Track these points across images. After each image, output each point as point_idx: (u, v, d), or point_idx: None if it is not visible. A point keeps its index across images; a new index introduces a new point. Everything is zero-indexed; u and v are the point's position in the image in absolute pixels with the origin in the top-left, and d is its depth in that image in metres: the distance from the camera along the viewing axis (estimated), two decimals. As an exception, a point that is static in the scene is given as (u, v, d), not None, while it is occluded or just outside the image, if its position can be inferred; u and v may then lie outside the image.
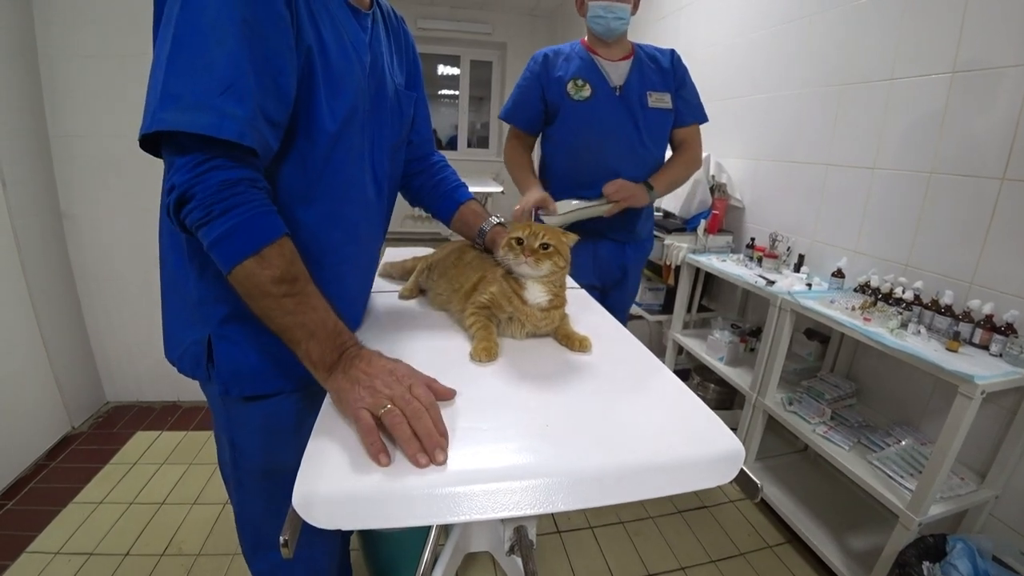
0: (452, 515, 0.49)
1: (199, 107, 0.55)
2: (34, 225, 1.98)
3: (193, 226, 0.58)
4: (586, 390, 0.69)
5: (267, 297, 0.60)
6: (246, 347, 0.76)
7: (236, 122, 0.57)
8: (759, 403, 1.79)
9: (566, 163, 1.61)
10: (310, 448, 0.54)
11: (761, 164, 2.19)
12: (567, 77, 1.54)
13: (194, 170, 0.57)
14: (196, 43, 0.56)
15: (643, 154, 1.57)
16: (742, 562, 1.64)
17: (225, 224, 0.57)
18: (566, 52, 1.59)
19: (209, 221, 0.57)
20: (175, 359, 0.82)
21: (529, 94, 1.60)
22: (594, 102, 1.53)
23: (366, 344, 0.67)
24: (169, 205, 0.59)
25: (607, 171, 1.54)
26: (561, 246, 0.82)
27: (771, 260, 1.96)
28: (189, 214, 0.58)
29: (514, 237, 0.81)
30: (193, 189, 0.57)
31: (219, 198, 0.57)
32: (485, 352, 0.75)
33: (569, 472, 0.52)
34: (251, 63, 0.59)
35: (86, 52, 1.95)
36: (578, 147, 1.57)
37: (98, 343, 2.29)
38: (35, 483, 1.85)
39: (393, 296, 1.05)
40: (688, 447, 0.57)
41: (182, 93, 0.55)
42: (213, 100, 0.56)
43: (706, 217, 2.24)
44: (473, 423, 0.59)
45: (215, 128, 0.56)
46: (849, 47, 1.75)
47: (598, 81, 1.53)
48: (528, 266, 0.79)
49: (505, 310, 0.82)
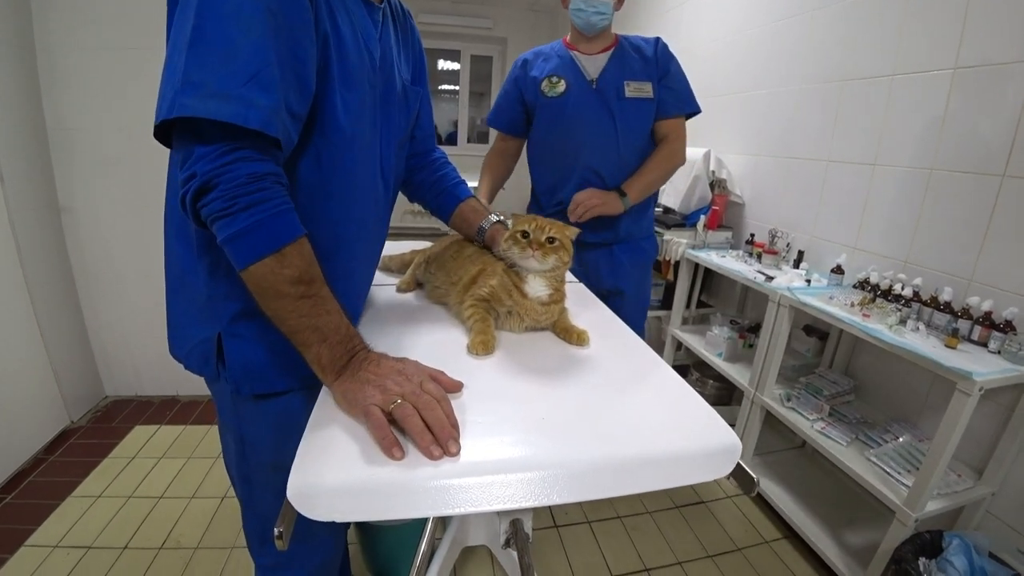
0: (448, 507, 0.49)
1: (224, 96, 0.54)
2: (32, 219, 1.97)
3: (210, 217, 0.56)
4: (583, 384, 0.69)
5: (282, 298, 0.59)
6: (257, 345, 0.75)
7: (262, 112, 0.55)
8: (757, 399, 1.79)
9: (545, 161, 1.61)
10: (305, 441, 0.54)
11: (761, 160, 2.18)
12: (542, 76, 1.54)
13: (219, 159, 0.55)
14: (219, 30, 0.54)
15: (620, 145, 1.51)
16: (739, 557, 1.64)
17: (248, 219, 0.56)
18: (546, 52, 1.59)
19: (230, 214, 0.56)
20: (181, 356, 0.80)
21: (509, 97, 1.61)
22: (567, 97, 1.51)
23: (365, 336, 0.67)
24: (187, 194, 0.57)
25: (584, 167, 1.52)
26: (565, 240, 0.82)
27: (770, 256, 1.96)
28: (209, 204, 0.56)
29: (519, 230, 0.80)
30: (218, 179, 0.55)
31: (244, 191, 0.56)
32: (483, 345, 0.75)
33: (565, 465, 0.52)
34: (276, 53, 0.57)
35: (84, 45, 1.95)
36: (553, 144, 1.56)
37: (96, 337, 2.29)
38: (34, 477, 1.86)
39: (391, 289, 1.05)
40: (685, 441, 0.57)
41: (206, 80, 0.53)
42: (238, 89, 0.54)
43: (706, 213, 2.23)
44: (470, 416, 0.59)
45: (242, 117, 0.54)
46: (850, 43, 1.74)
47: (574, 76, 1.51)
48: (535, 260, 0.78)
49: (505, 304, 0.82)
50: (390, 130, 0.84)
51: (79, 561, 1.50)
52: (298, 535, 0.91)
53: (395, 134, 0.86)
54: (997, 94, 1.31)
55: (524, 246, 0.79)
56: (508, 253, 0.82)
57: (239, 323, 0.73)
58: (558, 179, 1.58)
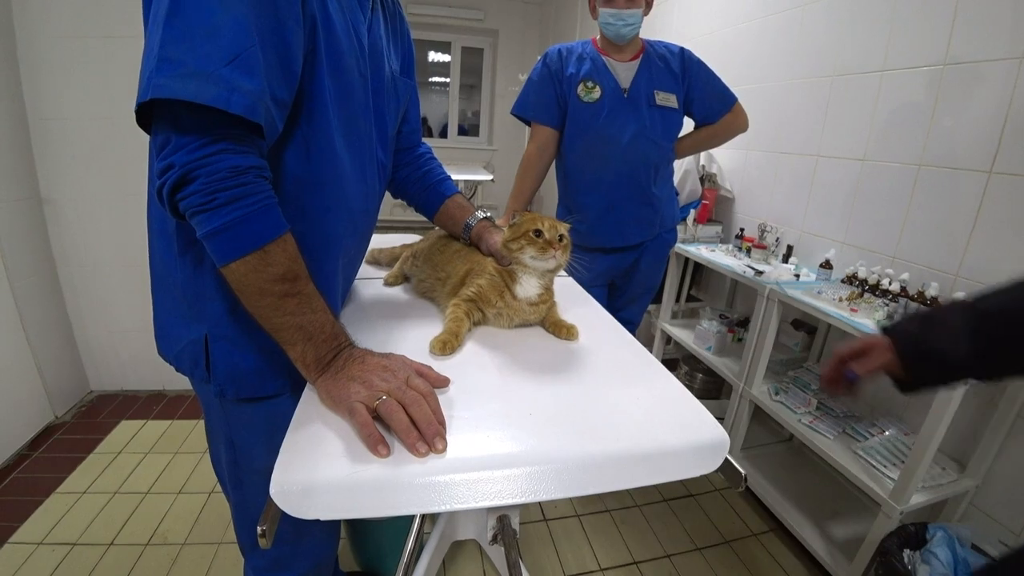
0: (434, 505, 0.48)
1: (203, 76, 0.50)
2: (13, 210, 1.93)
3: (189, 211, 0.54)
4: (571, 379, 0.69)
5: (266, 296, 0.57)
6: (245, 347, 0.72)
7: (245, 96, 0.52)
8: (746, 393, 1.80)
9: (576, 162, 1.65)
10: (289, 439, 0.53)
11: (751, 154, 2.19)
12: (578, 77, 1.56)
13: (199, 151, 0.52)
14: (198, 4, 0.50)
15: (650, 152, 1.59)
16: (727, 549, 1.65)
17: (229, 215, 0.53)
18: (578, 51, 1.61)
19: (210, 209, 0.53)
20: (171, 357, 0.77)
21: (543, 88, 1.61)
22: (602, 104, 1.55)
23: (351, 331, 0.66)
24: (164, 186, 0.53)
25: (615, 172, 1.59)
26: (568, 238, 0.81)
27: (760, 251, 1.97)
28: (188, 198, 0.53)
29: (533, 229, 0.78)
30: (197, 171, 0.52)
31: (225, 185, 0.53)
32: (440, 344, 0.71)
33: (552, 461, 0.52)
34: (259, 33, 0.54)
35: (66, 32, 1.90)
36: (587, 147, 1.60)
37: (81, 331, 2.25)
38: (17, 473, 1.83)
39: (378, 283, 1.04)
40: (673, 436, 0.57)
41: (183, 59, 0.50)
42: (219, 70, 0.50)
43: (696, 207, 2.23)
44: (457, 412, 0.58)
45: (223, 101, 0.50)
46: (840, 38, 1.74)
47: (608, 83, 1.56)
48: (556, 259, 0.77)
49: (495, 304, 0.80)
50: (383, 121, 0.82)
51: (64, 558, 1.48)
52: (291, 535, 0.90)
53: (386, 125, 0.84)
54: (985, 90, 1.32)
55: (544, 246, 0.76)
56: (519, 254, 0.79)
57: (226, 323, 0.71)
58: (587, 183, 1.64)
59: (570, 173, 1.68)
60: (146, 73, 0.50)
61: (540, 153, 1.66)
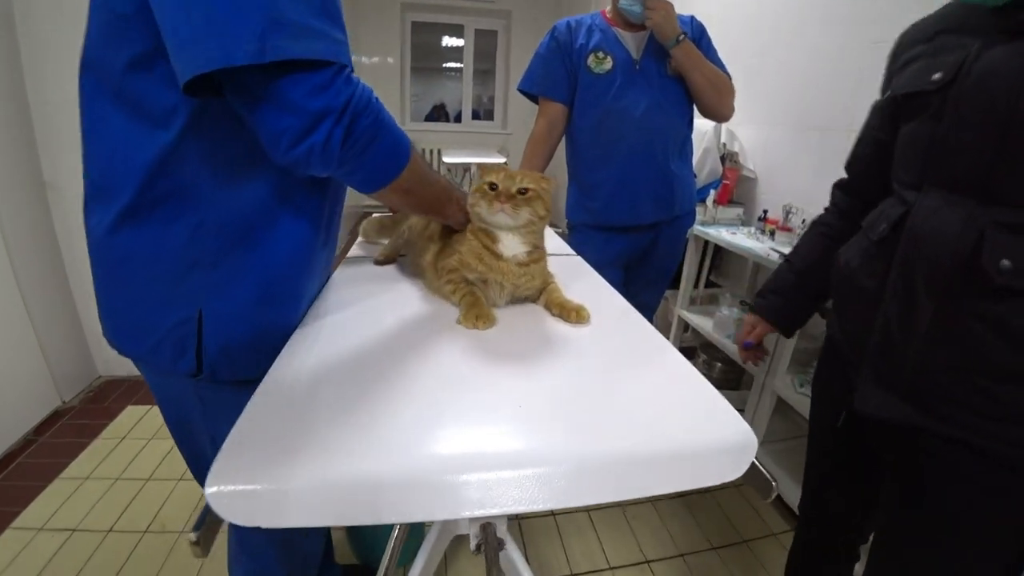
0: (395, 515, 0.40)
1: (313, 33, 0.51)
2: (17, 195, 1.91)
3: (365, 136, 0.56)
4: (573, 367, 0.60)
5: (427, 177, 0.68)
6: (241, 319, 0.67)
7: (343, 46, 0.55)
8: (768, 384, 1.70)
9: (587, 138, 1.57)
10: (232, 436, 0.45)
11: (775, 131, 2.06)
12: (588, 48, 1.48)
13: (349, 84, 0.54)
14: None
15: (663, 123, 1.51)
16: (744, 550, 1.57)
17: (395, 128, 0.60)
18: (587, 23, 1.52)
19: (385, 128, 0.58)
20: (144, 351, 0.69)
21: (551, 60, 1.53)
22: (613, 76, 1.48)
23: (339, 311, 0.73)
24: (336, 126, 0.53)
25: (628, 147, 1.51)
26: (542, 191, 0.72)
27: (784, 233, 1.85)
28: (364, 126, 0.56)
29: (487, 182, 0.71)
30: (363, 100, 0.55)
31: (380, 107, 0.58)
32: (480, 318, 0.67)
33: (546, 464, 0.44)
34: None
35: (67, 15, 1.84)
36: (598, 122, 1.53)
37: (88, 316, 2.23)
38: (23, 458, 1.82)
39: (368, 263, 0.97)
40: (690, 436, 0.49)
41: (293, 19, 0.50)
42: (320, 24, 0.52)
43: (716, 187, 2.12)
44: (443, 403, 0.51)
45: (333, 54, 0.53)
46: (875, 2, 1.61)
47: (619, 54, 1.48)
48: (505, 214, 0.69)
49: (476, 269, 0.72)
50: None
51: (63, 544, 1.46)
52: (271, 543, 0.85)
53: None
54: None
55: (492, 199, 0.69)
56: (476, 208, 0.72)
57: (222, 293, 0.65)
58: (599, 159, 1.56)
59: (581, 150, 1.60)
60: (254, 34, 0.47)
61: (549, 130, 1.58)
